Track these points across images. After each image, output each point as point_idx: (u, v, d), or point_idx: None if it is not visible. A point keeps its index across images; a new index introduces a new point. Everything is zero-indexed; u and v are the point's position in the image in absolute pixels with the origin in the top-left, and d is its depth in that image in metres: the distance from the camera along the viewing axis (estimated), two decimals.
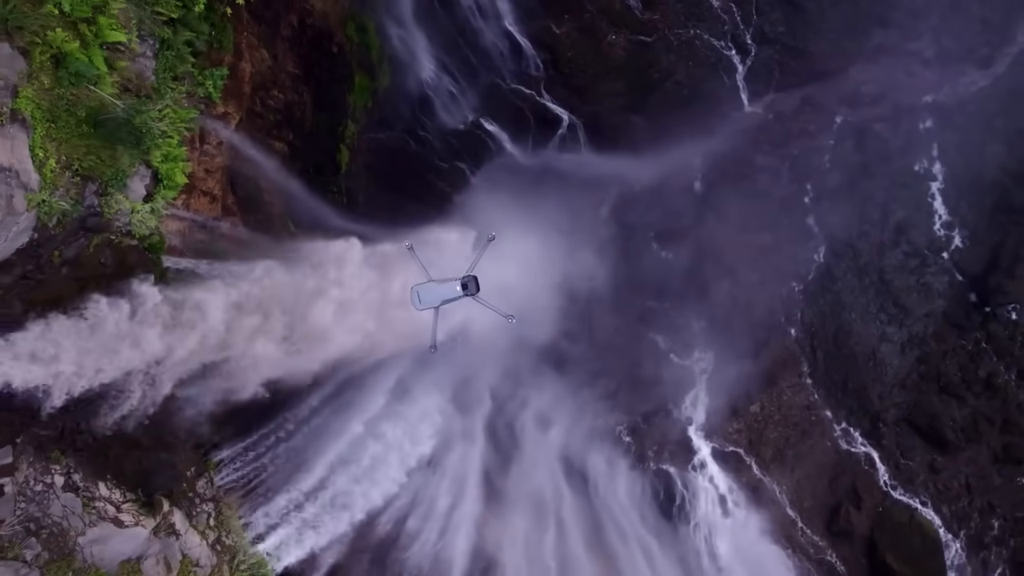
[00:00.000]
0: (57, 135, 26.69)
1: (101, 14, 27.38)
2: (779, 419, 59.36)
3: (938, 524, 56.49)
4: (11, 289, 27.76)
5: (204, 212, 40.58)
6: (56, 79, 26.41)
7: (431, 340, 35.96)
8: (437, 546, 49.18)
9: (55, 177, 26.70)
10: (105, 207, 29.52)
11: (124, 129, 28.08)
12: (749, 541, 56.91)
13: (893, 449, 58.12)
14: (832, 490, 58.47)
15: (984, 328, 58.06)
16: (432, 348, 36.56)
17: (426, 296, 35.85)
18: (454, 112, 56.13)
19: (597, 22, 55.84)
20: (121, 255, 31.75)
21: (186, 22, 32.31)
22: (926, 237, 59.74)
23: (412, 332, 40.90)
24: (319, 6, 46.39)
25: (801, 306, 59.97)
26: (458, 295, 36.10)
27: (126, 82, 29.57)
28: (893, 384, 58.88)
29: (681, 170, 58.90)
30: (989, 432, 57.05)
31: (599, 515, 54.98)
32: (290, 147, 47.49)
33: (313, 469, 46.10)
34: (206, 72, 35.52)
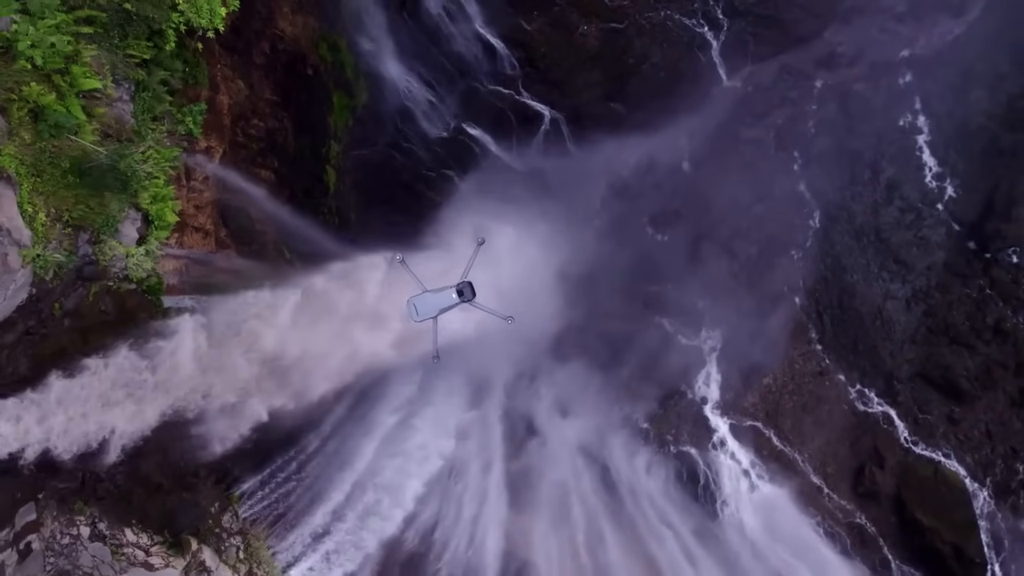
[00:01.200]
0: (44, 188, 26.70)
1: (74, 63, 27.38)
2: (793, 388, 59.35)
3: (963, 474, 56.39)
4: (16, 347, 27.80)
5: (198, 248, 40.63)
6: (36, 133, 26.42)
7: (433, 350, 35.85)
8: (468, 554, 49.19)
9: (47, 230, 26.71)
10: (99, 254, 29.54)
11: (110, 175, 28.08)
12: (777, 512, 56.85)
13: (910, 405, 58.05)
14: (854, 452, 58.43)
15: (987, 274, 57.95)
16: (435, 358, 36.48)
17: (423, 307, 35.66)
18: (435, 121, 56.17)
19: (567, 15, 55.84)
20: (121, 300, 31.80)
21: (159, 62, 32.33)
22: (918, 191, 59.66)
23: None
24: (289, 30, 46.39)
25: (802, 273, 59.91)
26: (455, 303, 35.91)
27: (106, 128, 29.57)
28: (903, 341, 58.82)
29: (667, 152, 58.95)
30: (1004, 378, 56.95)
31: (625, 504, 54.99)
32: (276, 174, 47.54)
33: (336, 491, 46.18)
34: (184, 109, 35.56)
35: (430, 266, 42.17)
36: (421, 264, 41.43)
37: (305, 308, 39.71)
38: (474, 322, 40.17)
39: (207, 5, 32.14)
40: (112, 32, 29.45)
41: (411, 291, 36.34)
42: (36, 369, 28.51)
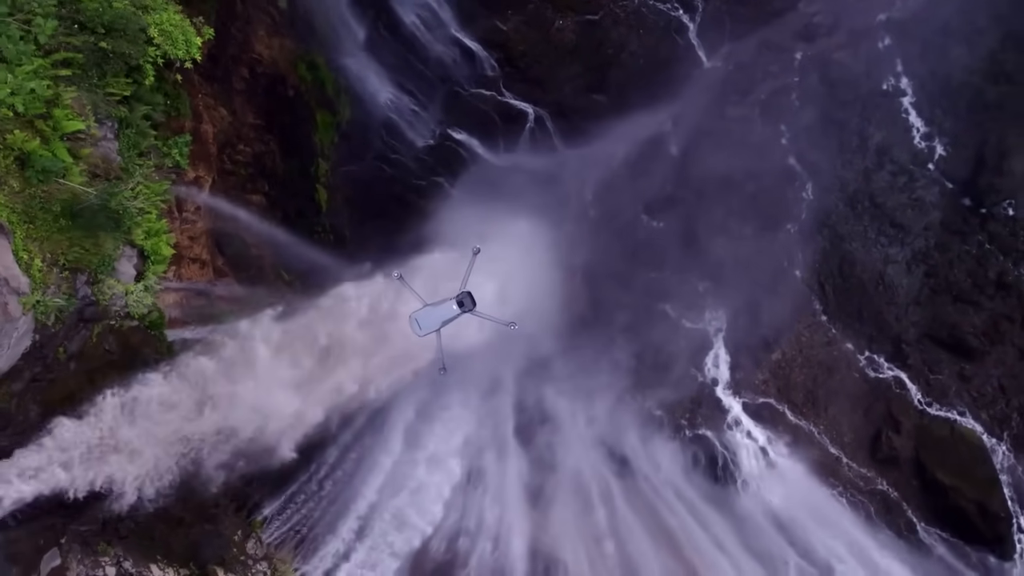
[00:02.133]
0: (37, 234, 26.72)
1: (55, 107, 27.41)
2: (802, 361, 59.32)
3: (980, 431, 56.35)
4: (24, 395, 27.84)
5: (197, 279, 40.71)
6: (25, 180, 26.43)
7: (439, 362, 35.81)
8: (494, 557, 49.18)
9: (44, 275, 26.72)
10: (99, 295, 29.57)
11: (101, 215, 28.07)
12: (798, 487, 56.83)
13: (920, 367, 58.01)
14: (869, 420, 58.38)
15: (984, 230, 57.93)
16: (442, 370, 36.45)
17: (425, 322, 35.52)
18: (420, 129, 56.17)
19: (542, 11, 55.86)
20: (124, 339, 31.85)
21: (139, 97, 32.36)
22: (908, 152, 59.62)
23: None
24: (266, 53, 46.44)
25: (800, 246, 59.83)
26: (456, 314, 35.74)
27: (94, 168, 29.59)
28: (907, 303, 58.79)
29: (655, 138, 58.89)
30: (1011, 331, 56.91)
31: (646, 493, 54.97)
32: (267, 198, 47.61)
33: (357, 506, 46.21)
34: (170, 142, 35.58)
35: (430, 277, 42.31)
36: (421, 275, 41.60)
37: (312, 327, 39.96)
38: (478, 328, 40.16)
39: (182, 36, 32.19)
40: (90, 72, 29.48)
41: (413, 305, 36.32)
42: (46, 415, 28.55)
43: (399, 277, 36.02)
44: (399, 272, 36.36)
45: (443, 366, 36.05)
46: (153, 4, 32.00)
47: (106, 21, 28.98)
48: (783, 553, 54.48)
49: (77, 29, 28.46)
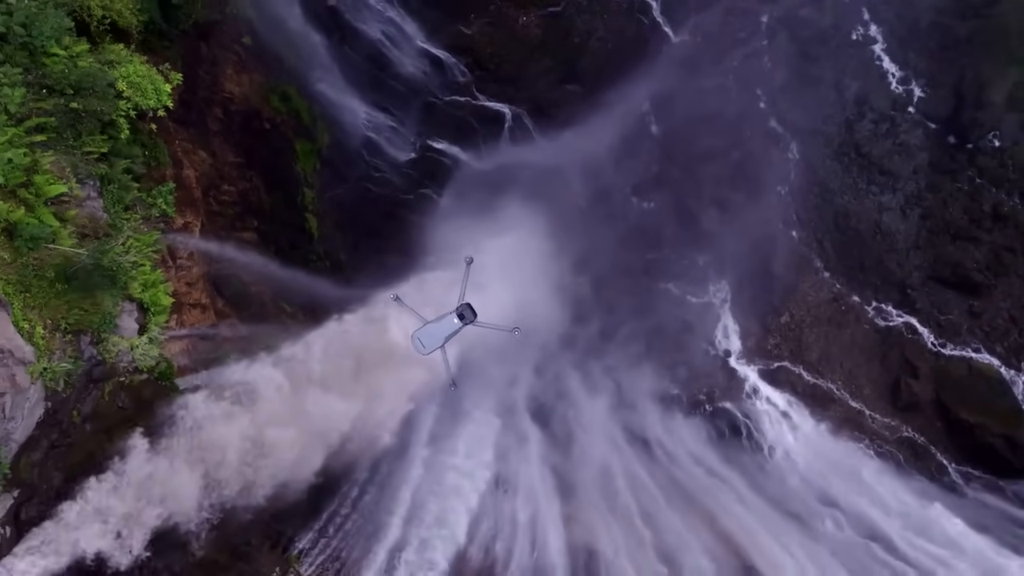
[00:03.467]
0: (35, 302, 26.75)
1: (35, 174, 27.39)
2: (811, 320, 59.29)
3: (997, 365, 56.32)
4: (45, 463, 27.85)
5: (200, 324, 40.68)
6: (15, 250, 26.44)
7: (448, 379, 35.69)
8: (533, 557, 49.13)
9: (48, 342, 26.77)
10: (105, 353, 29.61)
11: (96, 274, 28.09)
12: (824, 445, 56.81)
13: (929, 309, 57.99)
14: (885, 369, 58.36)
15: (973, 164, 57.92)
16: (452, 386, 36.34)
17: (428, 339, 35.38)
18: (400, 144, 56.13)
19: (504, 10, 55.87)
20: (136, 393, 31.87)
21: (117, 152, 32.37)
22: (887, 99, 59.63)
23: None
24: (237, 91, 46.44)
25: (793, 207, 59.84)
26: (458, 327, 35.62)
27: (82, 228, 29.58)
28: (907, 248, 58.75)
29: (634, 120, 58.86)
30: (1014, 261, 56.85)
31: (673, 471, 54.93)
32: (258, 233, 47.62)
33: (390, 527, 46.14)
34: (154, 192, 35.63)
35: (431, 290, 42.37)
36: (420, 291, 41.68)
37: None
38: (483, 336, 40.13)
39: (151, 86, 32.21)
40: (65, 134, 29.48)
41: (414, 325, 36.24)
42: (70, 480, 28.59)
43: (395, 298, 35.96)
44: (394, 294, 36.31)
45: (453, 382, 35.97)
46: (118, 58, 32.03)
47: (73, 81, 28.97)
48: (818, 512, 54.46)
49: (46, 93, 28.44)
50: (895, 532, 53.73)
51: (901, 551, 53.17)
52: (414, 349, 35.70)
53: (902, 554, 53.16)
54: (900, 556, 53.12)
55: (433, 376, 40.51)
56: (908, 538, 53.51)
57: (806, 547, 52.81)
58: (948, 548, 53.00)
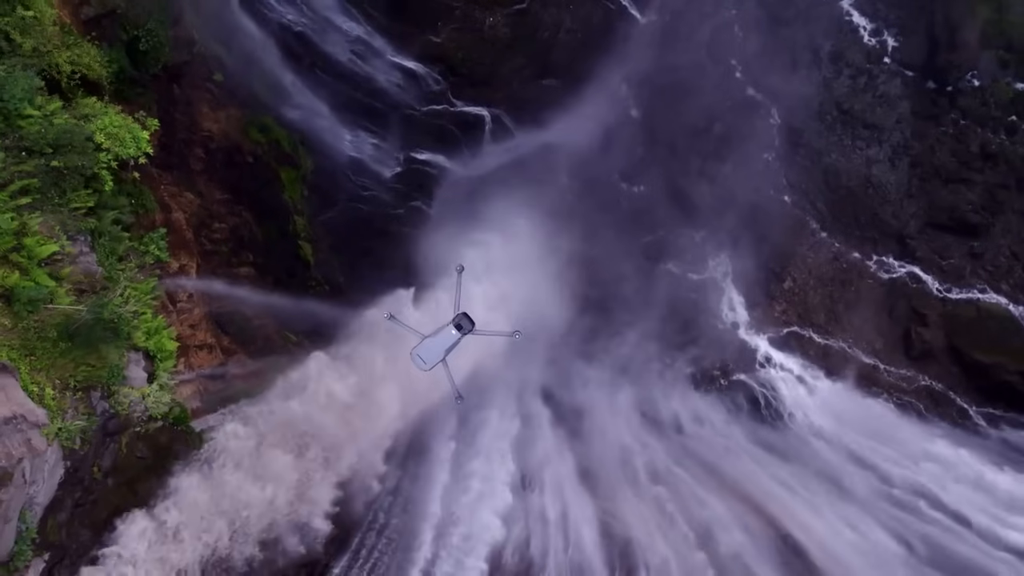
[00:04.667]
0: (41, 364, 26.70)
1: (24, 236, 27.33)
2: (815, 282, 59.29)
3: (1004, 303, 56.34)
4: (71, 523, 27.86)
5: (208, 364, 40.76)
6: (14, 315, 26.40)
7: (454, 392, 35.41)
8: (568, 553, 49.07)
9: (59, 402, 26.73)
10: (117, 406, 29.57)
11: (98, 329, 28.03)
12: (843, 404, 56.81)
13: (930, 256, 58.01)
14: (894, 321, 58.38)
15: (955, 107, 57.96)
16: (458, 399, 36.07)
17: (427, 354, 34.70)
18: (384, 160, 56.04)
19: (470, 14, 55.73)
20: (154, 441, 31.90)
21: (104, 204, 32.35)
22: (861, 53, 59.65)
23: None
24: (216, 128, 46.39)
25: (782, 171, 59.86)
26: (457, 338, 35.02)
27: (78, 285, 29.53)
28: (900, 199, 58.78)
29: (612, 106, 58.80)
30: (1008, 197, 56.92)
31: (696, 449, 54.94)
32: (254, 267, 47.61)
33: (422, 542, 46.10)
34: (145, 239, 35.64)
35: (433, 302, 42.38)
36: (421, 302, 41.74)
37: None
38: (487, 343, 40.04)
39: (129, 135, 32.16)
40: (50, 193, 29.43)
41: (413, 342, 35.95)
42: (97, 536, 28.62)
43: (390, 317, 35.69)
44: (388, 312, 36.01)
45: (459, 395, 35.62)
46: (93, 111, 31.99)
47: (51, 140, 28.93)
48: (845, 471, 54.45)
49: (25, 155, 28.39)
50: (925, 481, 53.75)
51: (933, 499, 53.22)
52: (416, 366, 35.33)
53: (935, 502, 53.22)
54: (933, 505, 53.18)
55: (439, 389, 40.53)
56: (939, 485, 53.55)
57: (838, 508, 52.83)
58: (980, 490, 53.06)
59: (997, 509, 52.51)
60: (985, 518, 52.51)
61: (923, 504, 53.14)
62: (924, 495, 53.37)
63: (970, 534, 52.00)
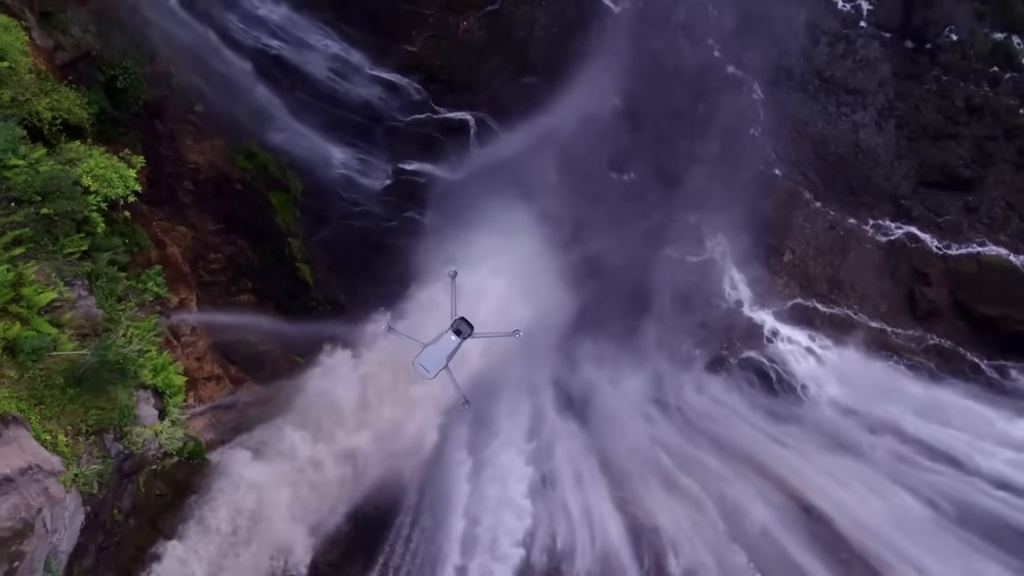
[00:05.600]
0: (51, 412, 26.71)
1: (22, 286, 27.34)
2: (814, 252, 59.23)
3: (1005, 253, 56.30)
4: (97, 567, 27.91)
5: (218, 395, 40.79)
6: (19, 366, 26.39)
7: (460, 397, 35.33)
8: (596, 547, 49.09)
9: (72, 448, 26.75)
10: (131, 446, 29.60)
11: (104, 371, 28.05)
12: (854, 371, 56.76)
13: (926, 215, 57.96)
14: (897, 283, 58.31)
15: (936, 63, 57.97)
16: (465, 404, 35.98)
17: (430, 363, 34.75)
18: (373, 174, 56.00)
19: (443, 20, 55.71)
20: (171, 477, 31.99)
21: (98, 246, 32.36)
22: (837, 19, 59.66)
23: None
24: (202, 159, 46.40)
25: (770, 145, 59.78)
26: (458, 343, 35.03)
27: (80, 329, 29.57)
28: (890, 161, 58.74)
29: (594, 97, 58.62)
30: (998, 149, 56.88)
31: (714, 432, 54.95)
32: (254, 293, 47.63)
33: (450, 551, 46.16)
34: (142, 277, 35.71)
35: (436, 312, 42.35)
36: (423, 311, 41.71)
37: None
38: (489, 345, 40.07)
39: (116, 174, 32.12)
40: (43, 241, 29.42)
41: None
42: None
43: (388, 329, 35.74)
44: (387, 325, 36.11)
45: (465, 400, 35.64)
46: (78, 154, 31.98)
47: (39, 188, 28.88)
48: (864, 438, 54.48)
49: (14, 206, 28.37)
50: (944, 439, 53.75)
51: (954, 457, 53.24)
52: (419, 376, 35.28)
53: (956, 460, 53.23)
54: (955, 462, 53.19)
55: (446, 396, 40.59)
56: (958, 442, 53.54)
57: (861, 475, 52.86)
58: (1000, 443, 53.04)
59: (1020, 456, 52.54)
60: (1009, 469, 52.53)
61: (944, 463, 53.16)
62: (944, 454, 53.40)
63: (993, 488, 52.02)
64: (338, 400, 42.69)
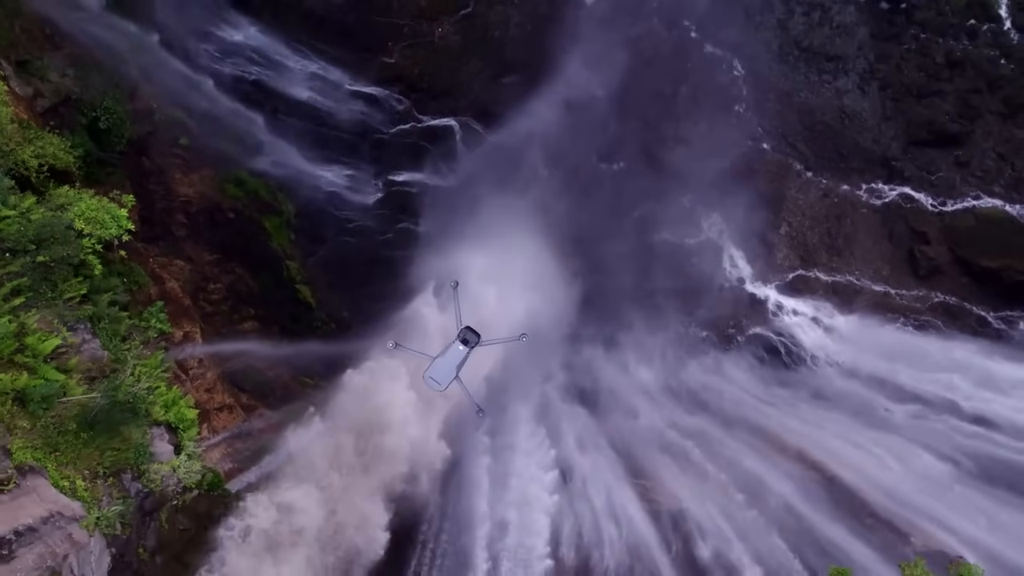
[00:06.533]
0: (67, 458, 26.68)
1: (25, 336, 27.31)
2: (810, 222, 59.17)
3: (1001, 205, 56.20)
4: None
5: (232, 424, 40.81)
6: (31, 415, 26.36)
7: (474, 406, 35.21)
8: (623, 537, 49.07)
9: (92, 491, 26.73)
10: (149, 483, 29.58)
11: (115, 412, 28.04)
12: (863, 336, 56.71)
13: (918, 174, 57.89)
14: (895, 244, 58.25)
15: (912, 22, 57.88)
16: (479, 413, 35.87)
17: (440, 375, 34.58)
18: (363, 188, 56.07)
19: (417, 29, 55.73)
20: (193, 511, 31.98)
21: (97, 289, 32.33)
22: None
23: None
24: (192, 192, 46.45)
25: (756, 120, 59.73)
26: (466, 353, 34.86)
27: (87, 373, 29.51)
28: (877, 124, 58.66)
29: (575, 90, 58.65)
30: (982, 101, 56.78)
31: (729, 411, 54.94)
32: (257, 319, 47.70)
33: (477, 558, 46.17)
34: (144, 314, 35.63)
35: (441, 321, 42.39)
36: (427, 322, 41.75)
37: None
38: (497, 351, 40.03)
39: (108, 216, 32.06)
40: (41, 288, 29.39)
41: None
42: None
43: (394, 346, 35.61)
44: (392, 342, 35.93)
45: (479, 408, 35.52)
46: (68, 199, 31.93)
47: (32, 236, 28.87)
48: (879, 402, 54.46)
49: (10, 256, 28.37)
50: (957, 395, 53.69)
51: (969, 412, 53.17)
52: (431, 389, 35.15)
53: (971, 415, 53.16)
54: (970, 417, 53.12)
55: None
56: (972, 396, 53.47)
57: (880, 440, 52.80)
58: (1012, 394, 52.95)
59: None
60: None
61: (960, 419, 53.11)
62: (959, 410, 53.36)
63: (1014, 440, 51.93)
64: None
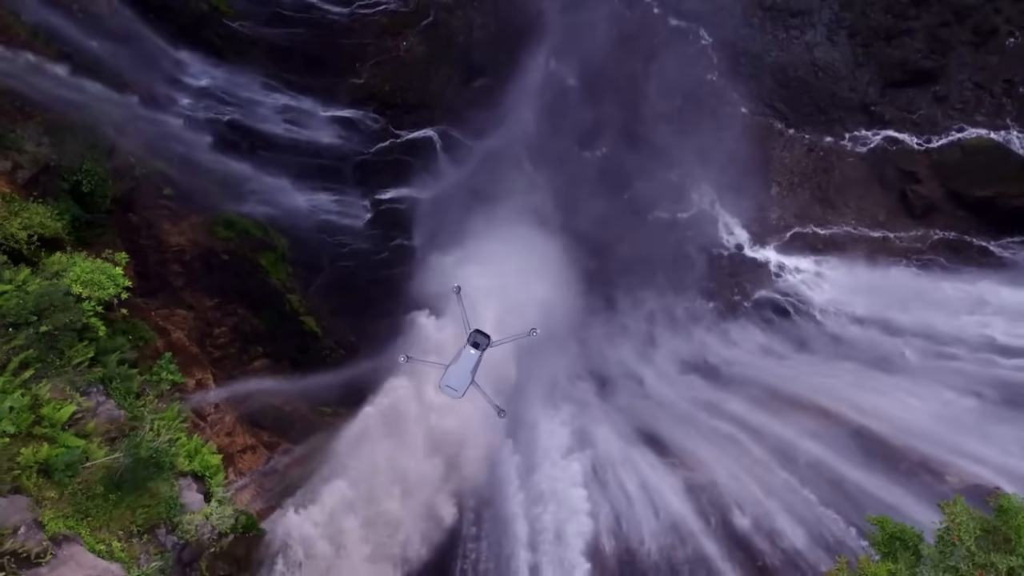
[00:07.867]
0: (99, 522, 26.72)
1: (40, 407, 27.37)
2: (799, 179, 59.18)
3: (986, 133, 56.06)
4: None
5: (257, 464, 40.87)
6: (57, 485, 26.40)
7: (494, 408, 35.18)
8: (660, 519, 49.13)
9: (128, 551, 26.75)
10: (184, 535, 29.58)
11: (140, 469, 28.07)
12: (868, 284, 56.68)
13: (899, 115, 57.81)
14: (886, 188, 58.19)
15: None
16: (501, 413, 35.85)
17: (456, 382, 34.41)
18: (352, 211, 56.14)
19: (381, 45, 55.65)
20: (231, 555, 31.98)
21: (103, 350, 32.37)
22: None
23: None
24: (183, 240, 46.53)
25: (730, 86, 59.74)
26: (478, 356, 34.76)
27: (108, 433, 29.55)
28: (851, 72, 58.55)
29: (548, 81, 58.82)
30: (952, 33, 56.61)
31: (748, 376, 54.99)
32: (267, 356, 47.80)
33: (518, 556, 46.25)
34: (154, 368, 35.62)
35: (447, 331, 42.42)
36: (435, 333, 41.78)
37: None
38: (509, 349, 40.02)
39: (104, 276, 32.11)
40: (49, 358, 29.41)
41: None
42: None
43: (406, 359, 35.51)
44: (403, 356, 35.80)
45: (499, 409, 35.46)
46: (62, 266, 31.98)
47: (32, 307, 28.91)
48: (894, 347, 54.40)
49: (13, 331, 28.41)
50: (972, 328, 53.64)
51: (985, 343, 53.10)
52: (449, 398, 35.08)
53: (988, 345, 53.09)
54: (988, 348, 53.05)
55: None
56: (986, 327, 53.42)
57: (900, 385, 52.79)
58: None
59: None
60: None
61: (977, 351, 53.03)
62: (975, 342, 53.25)
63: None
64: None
